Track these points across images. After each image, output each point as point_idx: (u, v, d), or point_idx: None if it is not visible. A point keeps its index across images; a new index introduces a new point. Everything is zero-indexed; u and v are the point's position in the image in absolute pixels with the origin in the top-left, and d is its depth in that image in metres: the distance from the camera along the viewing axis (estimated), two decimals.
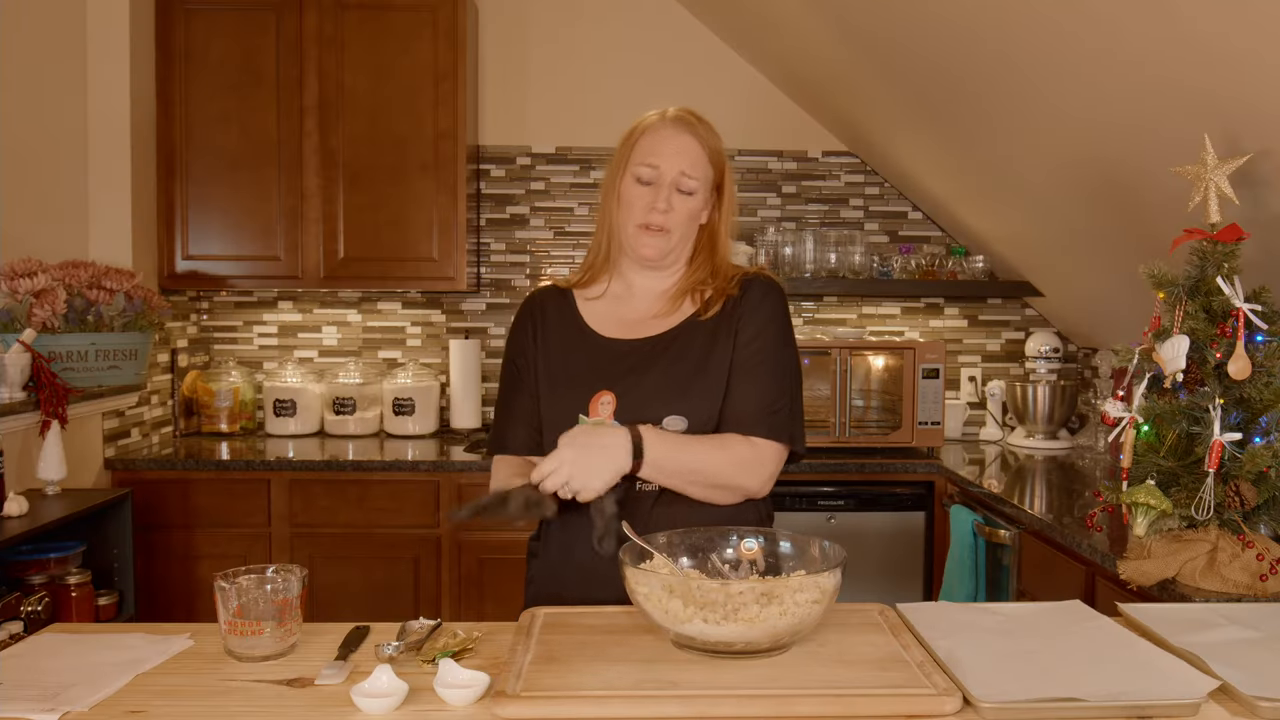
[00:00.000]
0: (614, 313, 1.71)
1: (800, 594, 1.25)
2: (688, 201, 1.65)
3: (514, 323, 1.78)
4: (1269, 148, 1.93)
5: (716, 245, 1.72)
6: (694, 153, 1.65)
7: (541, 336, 1.72)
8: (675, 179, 1.64)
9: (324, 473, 3.18)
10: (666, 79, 3.79)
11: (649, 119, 1.68)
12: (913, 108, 3.15)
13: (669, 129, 1.65)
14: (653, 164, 1.63)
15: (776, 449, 1.62)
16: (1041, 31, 2.20)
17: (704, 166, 1.66)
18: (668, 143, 1.64)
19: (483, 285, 3.89)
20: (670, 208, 1.64)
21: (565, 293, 1.76)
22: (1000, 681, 1.17)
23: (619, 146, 1.70)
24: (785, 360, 1.66)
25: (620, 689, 1.16)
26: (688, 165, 1.64)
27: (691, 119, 1.67)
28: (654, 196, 1.64)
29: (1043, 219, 3.14)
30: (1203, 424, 1.79)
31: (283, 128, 3.45)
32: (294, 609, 1.32)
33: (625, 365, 1.64)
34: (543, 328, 1.72)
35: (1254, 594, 1.74)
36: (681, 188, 1.64)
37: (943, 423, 3.35)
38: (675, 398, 1.60)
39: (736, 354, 1.63)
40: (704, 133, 1.67)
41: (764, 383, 1.62)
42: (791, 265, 3.68)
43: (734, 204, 1.73)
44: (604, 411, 1.60)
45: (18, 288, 2.72)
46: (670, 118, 1.67)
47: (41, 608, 2.45)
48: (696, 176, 1.64)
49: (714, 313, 1.66)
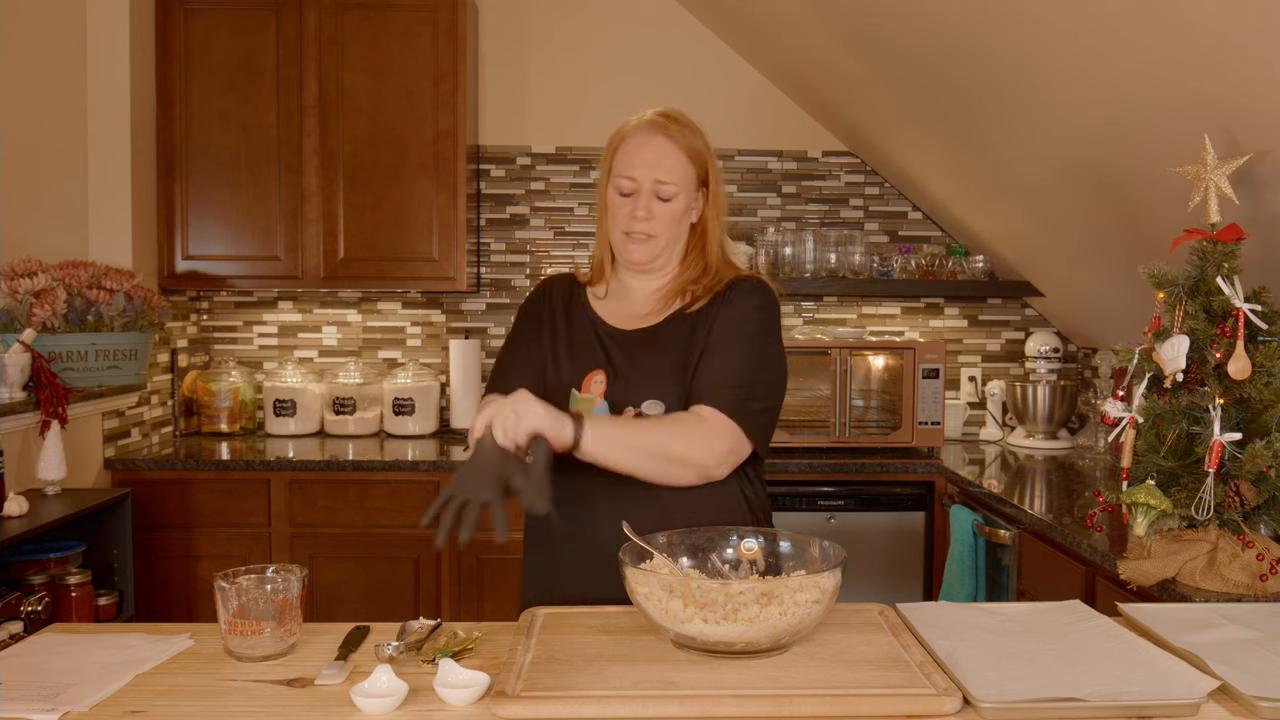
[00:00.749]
0: (616, 309, 1.75)
1: (800, 594, 1.25)
2: (668, 206, 1.67)
3: (534, 292, 1.83)
4: (1269, 148, 1.93)
5: (707, 242, 1.73)
6: (669, 158, 1.66)
7: (549, 319, 1.77)
8: (652, 188, 1.66)
9: (324, 473, 3.18)
10: (667, 79, 3.79)
11: (628, 125, 1.70)
12: (913, 108, 3.15)
13: (642, 136, 1.67)
14: (629, 175, 1.66)
15: (729, 425, 1.58)
16: (1041, 32, 2.20)
17: (682, 168, 1.67)
18: (641, 152, 1.66)
19: (483, 285, 3.89)
20: (651, 215, 1.66)
21: (580, 284, 1.81)
22: (1000, 681, 1.17)
23: (604, 153, 1.73)
24: (759, 349, 1.65)
25: (620, 689, 1.16)
26: (662, 172, 1.65)
27: (666, 121, 1.67)
28: (634, 205, 1.67)
29: (1043, 219, 3.14)
30: (1203, 424, 1.79)
31: (282, 128, 3.45)
32: (294, 609, 1.32)
33: (618, 350, 1.68)
34: (560, 305, 1.78)
35: (1254, 594, 1.74)
36: (660, 195, 1.66)
37: (943, 423, 3.35)
38: (656, 384, 1.63)
39: (709, 336, 1.64)
40: (679, 134, 1.67)
41: (729, 360, 1.62)
42: (791, 265, 3.68)
43: (723, 199, 1.74)
44: (595, 389, 1.65)
45: (18, 288, 2.72)
46: (645, 123, 1.68)
47: (41, 608, 2.45)
48: (673, 181, 1.66)
49: (699, 306, 1.69)
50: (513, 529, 1.41)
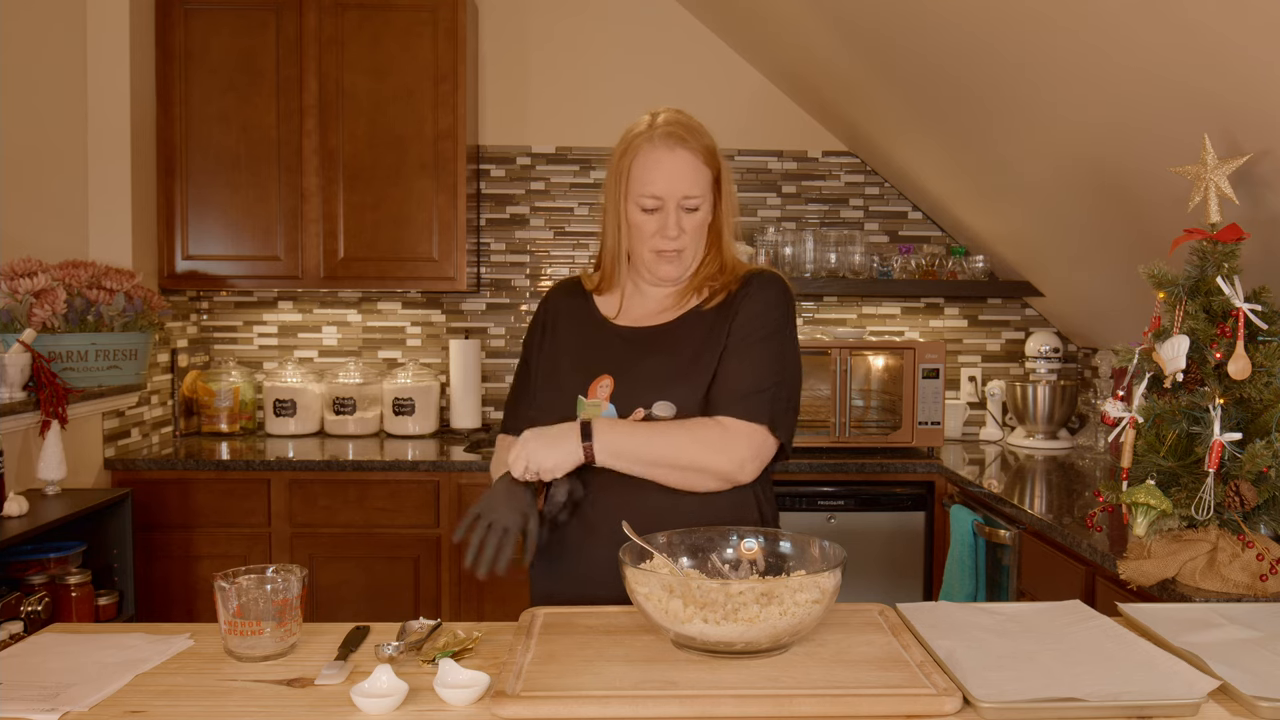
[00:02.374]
0: (629, 309, 1.74)
1: (800, 594, 1.25)
2: (694, 217, 1.66)
3: (536, 313, 1.84)
4: (1269, 148, 1.93)
5: (722, 240, 1.72)
6: (691, 169, 1.63)
7: (552, 330, 1.76)
8: (679, 204, 1.64)
9: (324, 473, 3.18)
10: (667, 79, 3.79)
11: (639, 133, 1.65)
12: (913, 107, 3.15)
13: (661, 150, 1.62)
14: (655, 195, 1.63)
15: (750, 429, 1.59)
16: (1041, 31, 2.20)
17: (703, 176, 1.65)
18: (663, 168, 1.62)
19: (483, 285, 3.89)
20: (681, 230, 1.65)
21: (585, 290, 1.79)
22: (1000, 681, 1.17)
23: (615, 160, 1.67)
24: (777, 346, 1.65)
25: (620, 689, 1.16)
26: (688, 186, 1.63)
27: (680, 131, 1.63)
28: (662, 222, 1.64)
29: (1043, 219, 3.14)
30: (1203, 424, 1.79)
31: (282, 128, 3.45)
32: (294, 609, 1.32)
33: (627, 350, 1.67)
34: (555, 322, 1.77)
35: (1254, 594, 1.74)
36: (686, 207, 1.64)
37: (943, 423, 3.35)
38: (667, 383, 1.62)
39: (730, 337, 1.64)
40: (695, 141, 1.64)
41: (750, 364, 1.62)
42: (791, 265, 3.68)
43: (734, 194, 1.74)
44: (602, 394, 1.63)
45: (18, 288, 2.72)
46: (661, 134, 1.63)
47: (41, 608, 2.45)
48: (698, 193, 1.64)
49: (716, 303, 1.68)
50: None
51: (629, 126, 1.69)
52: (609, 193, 1.70)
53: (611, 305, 1.75)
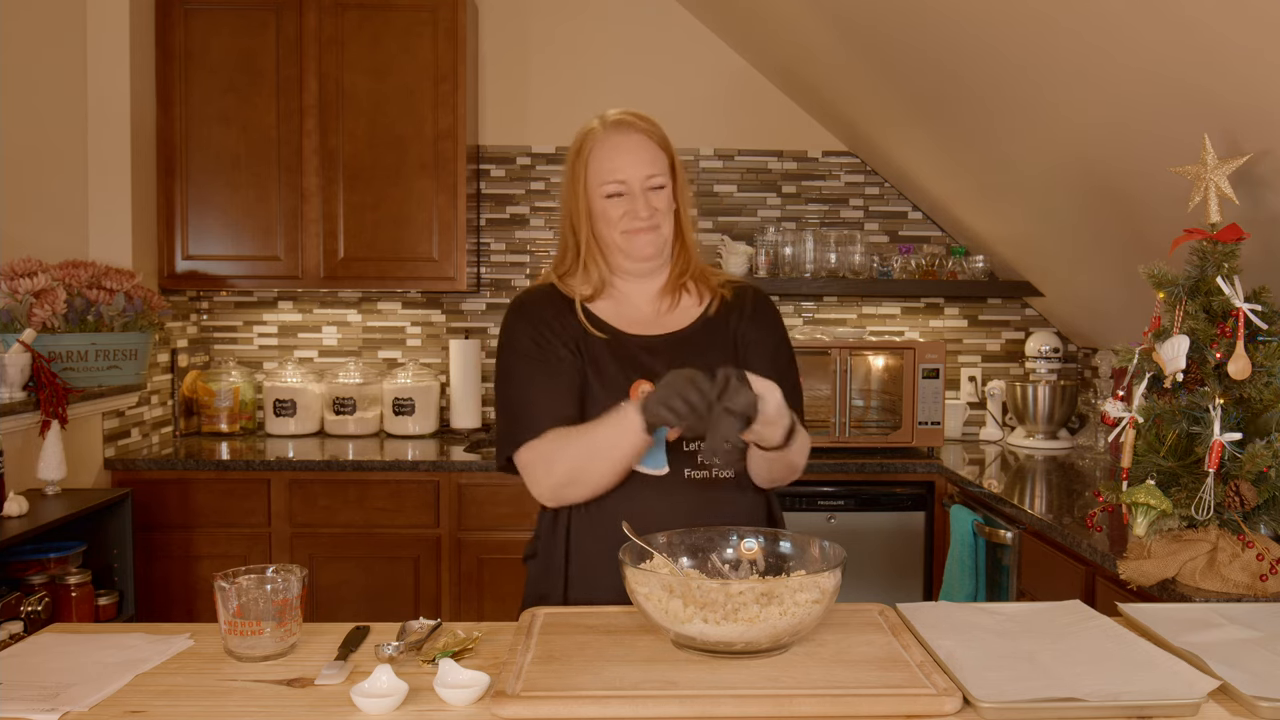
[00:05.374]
0: (622, 314, 1.71)
1: (800, 594, 1.25)
2: (662, 195, 1.68)
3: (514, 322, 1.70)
4: (1269, 148, 1.93)
5: (684, 231, 1.74)
6: (647, 150, 1.67)
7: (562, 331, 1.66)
8: (643, 183, 1.66)
9: (324, 473, 3.18)
10: (666, 78, 3.79)
11: (591, 129, 1.68)
12: (912, 107, 3.15)
13: (617, 136, 1.66)
14: (617, 179, 1.65)
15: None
16: (1042, 30, 2.20)
17: (660, 158, 1.68)
18: (621, 151, 1.65)
19: (483, 285, 3.89)
20: (654, 209, 1.66)
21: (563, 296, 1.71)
22: (1000, 681, 1.17)
23: (570, 161, 1.69)
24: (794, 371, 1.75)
25: (620, 689, 1.16)
26: (648, 165, 1.66)
27: (630, 118, 1.69)
28: (630, 204, 1.65)
29: (1043, 219, 3.14)
30: (1203, 424, 1.79)
31: (282, 128, 3.45)
32: (294, 609, 1.32)
33: (656, 358, 1.64)
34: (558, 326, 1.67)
35: (1254, 594, 1.74)
36: (651, 185, 1.67)
37: (943, 423, 3.35)
38: None
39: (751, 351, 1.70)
40: (648, 127, 1.69)
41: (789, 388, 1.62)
42: (791, 265, 3.68)
43: (689, 189, 1.76)
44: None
45: (18, 288, 2.72)
46: (612, 123, 1.67)
47: (41, 608, 2.45)
48: (659, 172, 1.67)
49: (716, 310, 1.72)
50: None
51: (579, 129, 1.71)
52: (567, 194, 1.70)
53: (603, 309, 1.70)
